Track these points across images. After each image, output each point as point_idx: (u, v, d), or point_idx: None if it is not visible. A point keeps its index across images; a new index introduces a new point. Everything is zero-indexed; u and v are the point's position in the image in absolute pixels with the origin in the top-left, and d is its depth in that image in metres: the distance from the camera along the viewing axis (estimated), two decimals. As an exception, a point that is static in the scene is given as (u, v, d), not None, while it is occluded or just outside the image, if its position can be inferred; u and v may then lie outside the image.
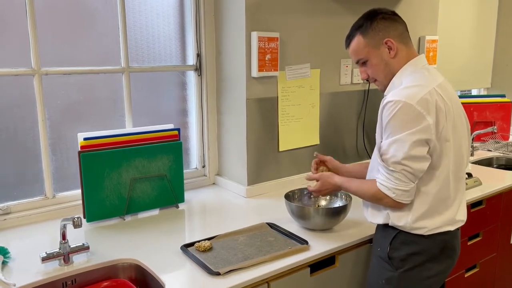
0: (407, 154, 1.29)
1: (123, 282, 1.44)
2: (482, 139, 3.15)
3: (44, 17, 1.75)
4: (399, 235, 1.41)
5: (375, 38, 1.42)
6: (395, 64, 1.42)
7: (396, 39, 1.42)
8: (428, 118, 1.29)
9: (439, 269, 1.44)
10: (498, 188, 2.20)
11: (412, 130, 1.29)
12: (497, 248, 2.35)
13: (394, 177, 1.32)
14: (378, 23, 1.42)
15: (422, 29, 2.69)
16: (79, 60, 1.86)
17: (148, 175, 1.87)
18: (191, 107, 2.23)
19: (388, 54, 1.42)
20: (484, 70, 3.65)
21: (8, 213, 1.74)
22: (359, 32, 1.44)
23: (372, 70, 1.46)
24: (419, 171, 1.32)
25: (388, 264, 1.43)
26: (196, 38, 2.15)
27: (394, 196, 1.34)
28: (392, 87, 1.42)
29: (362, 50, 1.44)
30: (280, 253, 1.46)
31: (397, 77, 1.42)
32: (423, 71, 1.41)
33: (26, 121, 1.78)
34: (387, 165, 1.33)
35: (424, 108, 1.29)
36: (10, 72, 1.71)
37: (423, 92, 1.32)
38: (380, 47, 1.42)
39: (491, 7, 3.57)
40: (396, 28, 1.43)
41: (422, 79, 1.37)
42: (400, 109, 1.29)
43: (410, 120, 1.29)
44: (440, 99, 1.34)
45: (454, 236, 1.46)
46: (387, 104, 1.33)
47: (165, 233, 1.67)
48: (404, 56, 1.42)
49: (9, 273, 1.36)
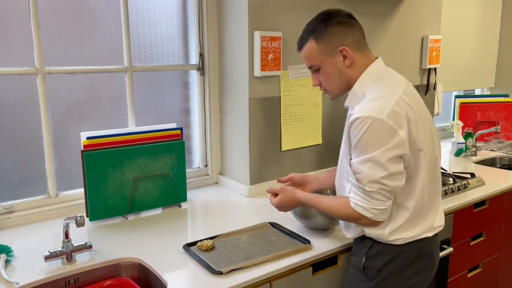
0: (384, 172, 1.22)
1: (125, 281, 1.44)
2: (485, 139, 3.14)
3: (47, 17, 1.76)
4: (375, 245, 1.37)
5: (329, 45, 1.32)
6: (350, 74, 1.34)
7: (352, 47, 1.33)
8: (401, 132, 1.22)
9: (416, 277, 1.38)
10: (501, 188, 2.20)
11: (386, 147, 1.21)
12: (500, 248, 2.34)
13: (371, 197, 1.25)
14: (333, 28, 1.32)
15: (425, 29, 2.69)
16: (82, 59, 1.86)
17: (150, 174, 1.88)
18: (194, 107, 2.23)
19: (343, 63, 1.33)
20: (488, 69, 3.63)
21: (11, 212, 1.75)
22: (312, 36, 1.34)
23: (325, 78, 1.37)
24: (397, 188, 1.26)
25: (363, 274, 1.38)
26: (198, 38, 2.15)
27: (371, 216, 1.27)
28: (355, 99, 1.34)
29: (315, 57, 1.35)
30: (283, 252, 1.46)
31: (357, 88, 1.34)
32: (385, 78, 1.34)
33: (29, 120, 1.78)
34: (362, 185, 1.25)
35: (395, 122, 1.22)
36: (13, 71, 1.72)
37: (391, 103, 1.24)
38: (334, 55, 1.33)
39: (495, 6, 3.55)
40: (353, 35, 1.34)
41: (386, 88, 1.30)
42: (371, 126, 1.22)
43: (382, 136, 1.22)
44: (408, 108, 1.26)
45: (431, 243, 1.40)
46: (355, 121, 1.24)
47: (167, 232, 1.67)
48: (360, 64, 1.34)
49: (12, 271, 1.37)
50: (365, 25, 2.37)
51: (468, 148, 2.85)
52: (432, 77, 2.79)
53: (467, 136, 2.86)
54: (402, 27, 2.56)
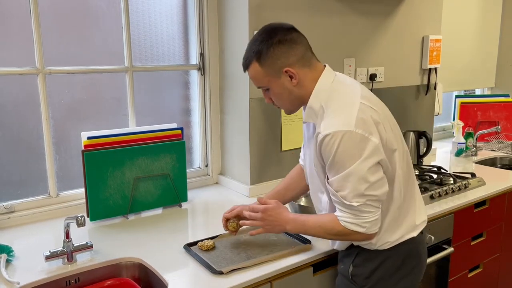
0: (367, 184, 1.19)
1: (126, 281, 1.44)
2: (485, 139, 3.14)
3: (48, 17, 1.76)
4: (362, 252, 1.35)
5: (273, 68, 1.27)
6: (301, 91, 1.30)
7: (297, 65, 1.27)
8: (373, 138, 1.19)
9: (406, 279, 1.37)
10: (501, 188, 2.20)
11: (362, 157, 1.18)
12: (501, 248, 2.34)
13: (360, 211, 1.21)
14: (274, 49, 1.26)
15: (426, 29, 2.69)
16: (82, 59, 1.86)
17: (151, 174, 1.88)
18: (194, 106, 2.23)
19: (290, 82, 1.28)
20: (488, 69, 3.63)
21: (12, 212, 1.75)
22: (255, 58, 1.28)
23: (276, 98, 1.34)
24: (383, 194, 1.23)
25: (351, 282, 1.38)
26: (199, 38, 2.15)
27: (364, 230, 1.23)
28: (313, 114, 1.29)
29: (262, 79, 1.31)
30: (283, 252, 1.46)
31: (313, 102, 1.28)
32: (338, 87, 1.29)
33: (30, 120, 1.78)
34: (348, 201, 1.21)
35: (365, 130, 1.19)
36: (14, 71, 1.72)
37: (354, 112, 1.21)
38: (280, 76, 1.28)
39: (495, 6, 3.55)
40: (295, 52, 1.27)
41: (344, 98, 1.27)
42: (342, 140, 1.18)
43: (356, 147, 1.18)
44: (372, 111, 1.24)
45: (417, 243, 1.39)
46: (325, 138, 1.20)
47: (168, 232, 1.67)
48: (309, 79, 1.29)
49: (13, 271, 1.37)
50: (365, 24, 2.39)
51: (468, 148, 2.85)
52: (432, 77, 2.79)
53: (467, 136, 2.86)
54: (402, 27, 2.56)
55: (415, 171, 2.27)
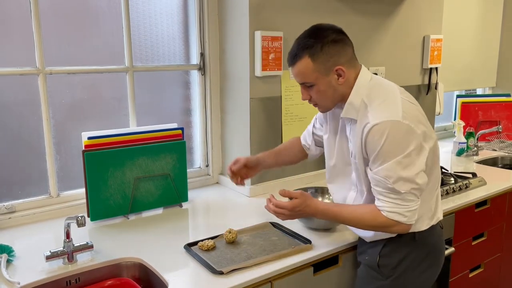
0: (415, 170, 1.25)
1: (126, 281, 1.44)
2: (487, 139, 3.13)
3: (48, 17, 1.76)
4: (389, 244, 1.39)
5: (325, 64, 1.31)
6: (343, 89, 1.35)
7: (346, 65, 1.33)
8: (417, 129, 1.26)
9: (428, 271, 1.42)
10: (502, 188, 2.19)
11: (409, 147, 1.24)
12: (502, 248, 2.34)
13: (404, 199, 1.26)
14: (329, 47, 1.30)
15: (427, 28, 2.68)
16: (83, 59, 1.87)
17: (151, 174, 1.88)
18: (195, 106, 2.23)
19: (337, 81, 1.33)
20: (489, 69, 3.63)
21: (12, 212, 1.75)
22: (307, 54, 1.30)
23: (318, 95, 1.36)
24: (424, 184, 1.29)
25: (377, 273, 1.41)
26: (199, 38, 2.15)
27: (406, 220, 1.27)
28: (352, 109, 1.34)
29: (310, 75, 1.32)
30: (284, 252, 1.46)
31: (354, 98, 1.33)
32: (376, 83, 1.36)
33: (30, 120, 1.78)
34: (397, 187, 1.25)
35: (411, 121, 1.26)
36: (14, 71, 1.72)
37: (399, 105, 1.28)
38: (329, 73, 1.32)
39: (496, 5, 3.55)
40: (346, 53, 1.33)
41: (386, 92, 1.33)
42: (391, 130, 1.24)
43: (404, 137, 1.24)
44: (411, 105, 1.31)
45: (440, 235, 1.46)
46: (373, 128, 1.25)
47: (168, 232, 1.67)
48: (352, 78, 1.35)
49: (13, 271, 1.37)
50: (365, 24, 2.39)
51: (469, 147, 2.85)
52: (433, 77, 2.78)
53: (468, 136, 2.85)
54: (403, 27, 2.55)
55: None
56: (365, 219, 1.32)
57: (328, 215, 1.39)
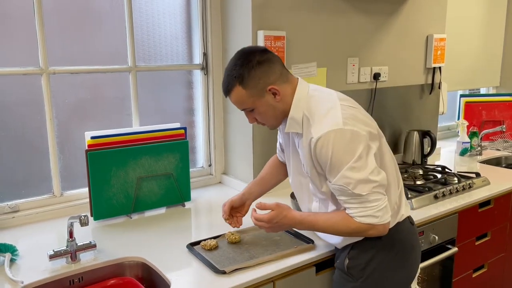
0: (369, 170, 1.24)
1: (129, 280, 1.45)
2: (490, 138, 3.12)
3: (52, 17, 1.76)
4: (356, 246, 1.38)
5: (257, 87, 1.31)
6: (283, 105, 1.35)
7: (278, 82, 1.33)
8: (361, 131, 1.26)
9: (401, 272, 1.41)
10: (506, 188, 2.18)
11: (358, 150, 1.24)
12: (506, 248, 2.33)
13: (369, 200, 1.25)
14: (255, 70, 1.30)
15: (430, 28, 2.68)
16: (86, 59, 1.87)
17: (154, 174, 1.88)
18: (198, 106, 2.23)
19: (274, 99, 1.33)
20: (493, 68, 3.61)
21: (16, 211, 1.76)
22: (237, 82, 1.32)
23: (261, 116, 1.38)
24: (384, 179, 1.28)
25: (348, 275, 1.40)
26: (202, 37, 2.15)
27: (378, 220, 1.26)
28: (295, 124, 1.34)
29: (247, 101, 1.34)
30: (286, 252, 1.46)
31: (294, 113, 1.34)
32: (316, 94, 1.36)
33: (34, 120, 1.79)
34: (358, 191, 1.24)
35: (353, 124, 1.26)
36: (18, 71, 1.73)
37: (338, 112, 1.28)
38: (264, 94, 1.32)
39: (500, 5, 3.53)
40: (274, 70, 1.33)
41: (324, 102, 1.33)
42: (335, 139, 1.24)
43: (349, 143, 1.24)
44: (352, 109, 1.32)
45: (410, 233, 1.45)
46: (318, 142, 1.25)
47: (171, 231, 1.68)
48: (289, 93, 1.35)
49: (17, 270, 1.37)
50: (368, 23, 2.38)
51: (473, 147, 2.84)
52: (437, 76, 2.77)
53: (472, 136, 2.85)
54: (406, 26, 2.55)
55: (419, 170, 2.27)
56: (340, 227, 1.31)
57: (305, 224, 1.38)
